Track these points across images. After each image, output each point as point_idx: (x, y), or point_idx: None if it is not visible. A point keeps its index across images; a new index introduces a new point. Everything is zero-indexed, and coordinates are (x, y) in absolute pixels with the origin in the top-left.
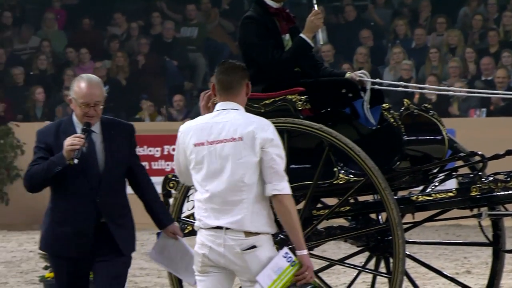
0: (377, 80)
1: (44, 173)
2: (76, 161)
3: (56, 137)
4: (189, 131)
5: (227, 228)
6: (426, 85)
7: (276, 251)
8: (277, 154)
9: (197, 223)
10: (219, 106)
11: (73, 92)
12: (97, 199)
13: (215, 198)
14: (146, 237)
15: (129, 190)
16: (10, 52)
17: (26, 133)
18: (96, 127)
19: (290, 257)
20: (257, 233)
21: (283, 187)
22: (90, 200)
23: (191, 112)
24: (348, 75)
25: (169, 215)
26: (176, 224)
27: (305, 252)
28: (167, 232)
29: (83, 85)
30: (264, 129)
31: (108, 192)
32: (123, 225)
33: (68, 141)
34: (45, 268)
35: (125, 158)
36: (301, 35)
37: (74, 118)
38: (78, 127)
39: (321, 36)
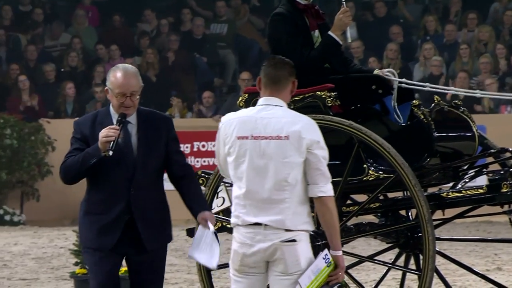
0: (404, 79)
1: (80, 165)
2: (111, 152)
3: (92, 128)
4: (231, 123)
5: (266, 225)
6: (451, 88)
7: (310, 247)
8: (323, 157)
9: (234, 220)
10: (262, 101)
11: (109, 82)
12: (131, 191)
13: (255, 194)
14: (176, 233)
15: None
16: (41, 49)
17: (57, 129)
18: (132, 118)
19: (328, 258)
20: (297, 230)
21: (328, 189)
22: (124, 192)
23: (221, 108)
24: (376, 72)
25: (205, 204)
26: (210, 212)
27: (340, 253)
28: (201, 221)
29: (119, 74)
30: (311, 130)
31: (142, 185)
32: (154, 219)
33: (103, 133)
34: (76, 264)
35: (161, 151)
36: (330, 33)
37: (111, 109)
38: (115, 118)
39: (349, 33)
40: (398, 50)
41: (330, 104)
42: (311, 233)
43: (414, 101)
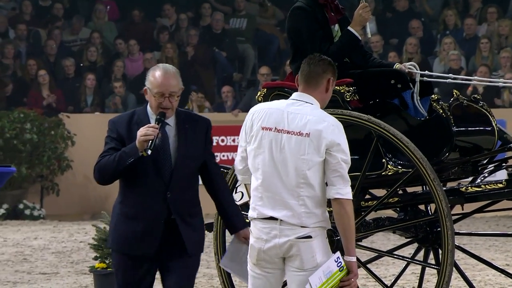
0: (426, 72)
1: (116, 165)
2: (149, 152)
3: (128, 128)
4: (260, 112)
5: (281, 220)
6: (474, 77)
7: (328, 244)
8: (344, 160)
9: (251, 213)
10: (295, 95)
11: (148, 82)
12: (168, 194)
13: (272, 187)
14: None
15: None
16: (61, 44)
17: (77, 124)
18: (170, 120)
19: (340, 262)
20: (313, 227)
21: (347, 192)
22: (161, 195)
23: (240, 103)
24: (397, 66)
25: (243, 219)
26: (249, 229)
27: (354, 259)
28: (239, 237)
29: (158, 74)
30: (334, 132)
31: (179, 188)
32: (193, 224)
33: (142, 131)
34: (95, 258)
35: (199, 154)
36: (349, 28)
37: (149, 109)
38: (152, 118)
39: (369, 28)
40: (417, 45)
41: (349, 99)
42: (330, 227)
43: (433, 96)
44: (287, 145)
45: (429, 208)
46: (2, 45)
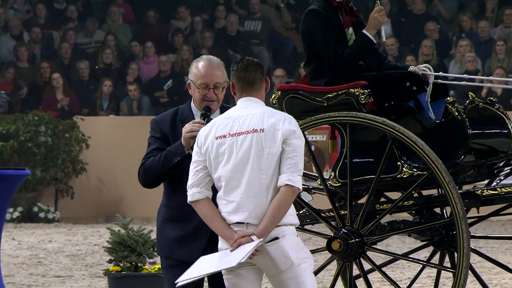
0: (440, 73)
1: (162, 165)
2: None
3: (173, 126)
4: (207, 127)
5: (248, 223)
6: (491, 77)
7: (300, 240)
8: (299, 146)
9: None
10: (242, 101)
11: (191, 74)
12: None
13: (236, 190)
14: None
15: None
16: (75, 46)
17: (91, 127)
18: (216, 115)
19: None
20: (279, 225)
21: (298, 180)
22: None
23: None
24: (411, 68)
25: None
26: None
27: (261, 240)
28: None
29: (201, 64)
30: (287, 121)
31: None
32: None
33: (187, 127)
34: (110, 261)
35: None
36: (364, 31)
37: (193, 105)
38: (197, 115)
39: (383, 31)
40: (433, 47)
41: (363, 101)
42: (344, 230)
43: (448, 98)
44: (244, 145)
45: (444, 211)
46: (16, 48)
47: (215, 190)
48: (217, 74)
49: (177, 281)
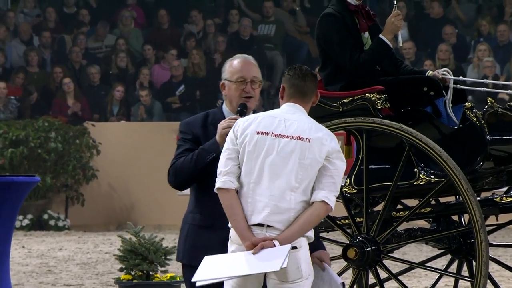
0: (460, 78)
1: (194, 164)
2: None
3: (204, 128)
4: (251, 119)
5: (268, 226)
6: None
7: (309, 254)
8: (342, 168)
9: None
10: (288, 105)
11: (226, 72)
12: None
13: (266, 191)
14: None
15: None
16: (86, 51)
17: (102, 133)
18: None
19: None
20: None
21: (333, 200)
22: None
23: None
24: (429, 73)
25: (319, 240)
26: (325, 251)
27: (290, 245)
28: (313, 259)
29: (236, 61)
30: (333, 140)
31: None
32: None
33: (224, 123)
34: (121, 270)
35: None
36: (381, 36)
37: (225, 107)
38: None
39: (400, 36)
40: (450, 51)
41: (380, 107)
42: (360, 238)
43: (466, 103)
44: (285, 149)
45: (462, 218)
46: (26, 53)
47: None
48: (253, 69)
49: (196, 279)
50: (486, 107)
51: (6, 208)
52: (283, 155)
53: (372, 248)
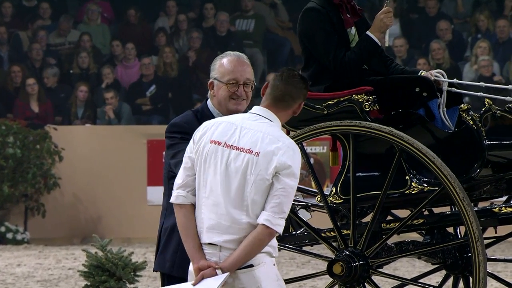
0: (455, 80)
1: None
2: None
3: (198, 125)
4: (212, 124)
5: (221, 246)
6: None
7: (277, 271)
8: (290, 186)
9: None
10: (255, 109)
11: (216, 71)
12: None
13: (216, 208)
14: None
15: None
16: (47, 47)
17: (65, 137)
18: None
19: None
20: None
21: (277, 224)
22: None
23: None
24: (422, 73)
25: None
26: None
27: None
28: None
29: (228, 59)
30: (287, 153)
31: None
32: None
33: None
34: (86, 287)
35: None
36: (368, 33)
37: (210, 105)
38: (217, 116)
39: (388, 36)
40: (443, 48)
41: (368, 109)
42: (347, 252)
43: (462, 105)
44: (233, 163)
45: (458, 231)
46: None
47: None
48: (247, 70)
49: None
50: (483, 109)
51: None
52: (232, 169)
53: (360, 263)
